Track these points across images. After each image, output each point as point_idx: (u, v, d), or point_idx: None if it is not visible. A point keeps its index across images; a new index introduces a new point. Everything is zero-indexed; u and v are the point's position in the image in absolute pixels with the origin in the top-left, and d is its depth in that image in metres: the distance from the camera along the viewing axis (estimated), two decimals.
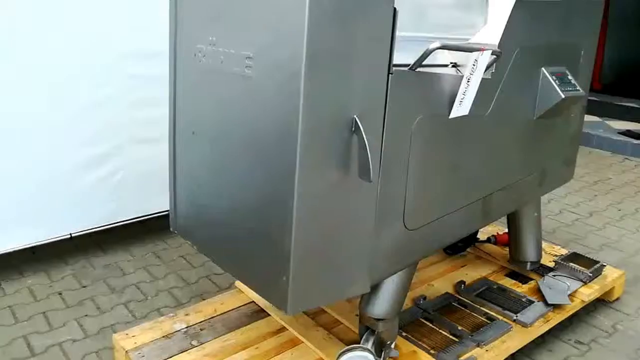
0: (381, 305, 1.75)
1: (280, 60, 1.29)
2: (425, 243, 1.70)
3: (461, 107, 1.62)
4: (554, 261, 2.45)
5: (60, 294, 2.60)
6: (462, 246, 2.65)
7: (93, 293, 2.60)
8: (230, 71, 1.46)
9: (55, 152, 2.63)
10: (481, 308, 2.18)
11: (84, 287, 2.66)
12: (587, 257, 2.48)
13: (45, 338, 2.26)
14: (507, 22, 1.71)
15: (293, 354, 1.90)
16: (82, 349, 2.19)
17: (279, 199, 1.35)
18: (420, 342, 1.95)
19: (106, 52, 2.62)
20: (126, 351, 1.91)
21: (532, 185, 2.14)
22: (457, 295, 2.27)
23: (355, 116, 1.35)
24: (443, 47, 1.45)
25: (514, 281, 2.41)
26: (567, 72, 2.03)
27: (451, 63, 1.71)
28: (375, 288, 1.76)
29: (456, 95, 1.58)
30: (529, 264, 2.39)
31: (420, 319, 2.10)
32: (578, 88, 2.01)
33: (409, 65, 1.51)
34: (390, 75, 1.39)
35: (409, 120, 1.51)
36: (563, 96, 1.93)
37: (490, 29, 1.75)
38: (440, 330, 2.04)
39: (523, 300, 2.22)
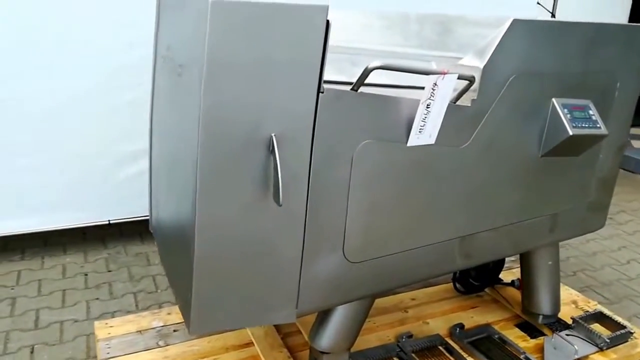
0: (327, 338, 1.65)
1: (192, 72, 1.26)
2: (375, 279, 1.57)
3: (422, 136, 1.47)
4: (571, 318, 2.14)
5: (86, 274, 2.79)
6: (479, 286, 2.41)
7: (113, 278, 2.76)
8: (174, 78, 1.47)
9: (101, 146, 2.84)
10: (468, 358, 1.96)
11: (109, 271, 2.83)
12: (614, 319, 2.13)
13: (53, 314, 2.44)
14: (499, 44, 1.52)
15: None
16: (78, 330, 2.33)
17: (188, 215, 1.32)
18: None
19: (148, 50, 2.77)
20: (98, 340, 2.00)
21: (538, 230, 1.88)
22: (448, 339, 2.07)
23: (273, 135, 1.28)
24: (383, 67, 1.32)
25: (522, 333, 2.13)
26: (590, 106, 1.76)
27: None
28: (323, 320, 1.67)
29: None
30: (541, 317, 2.11)
31: (394, 358, 1.95)
32: (599, 125, 1.73)
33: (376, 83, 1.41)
34: (320, 94, 1.30)
35: (349, 144, 1.39)
36: (571, 133, 1.67)
37: (481, 52, 1.57)
38: None
39: (521, 357, 1.96)
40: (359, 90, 1.36)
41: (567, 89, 1.73)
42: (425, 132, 1.47)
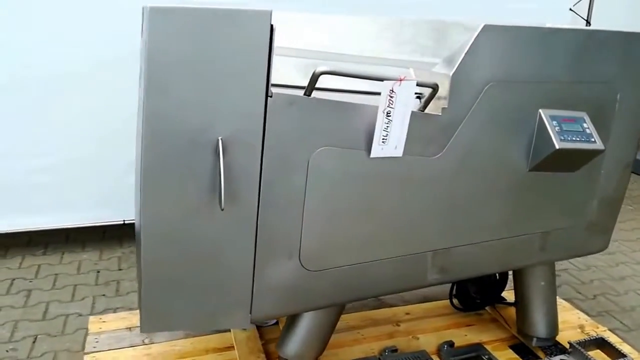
0: (292, 346, 1.63)
1: (142, 76, 1.29)
2: (336, 289, 1.53)
3: (387, 146, 1.43)
4: (569, 342, 2.00)
5: (98, 271, 2.90)
6: (480, 303, 2.31)
7: (123, 277, 2.85)
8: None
9: (117, 151, 2.95)
10: None
11: (120, 269, 2.93)
12: (615, 346, 1.97)
13: (61, 308, 2.55)
14: (469, 51, 1.46)
15: None
16: (80, 323, 2.42)
17: (138, 218, 1.35)
18: None
19: None
20: (88, 334, 2.07)
21: (526, 248, 1.77)
22: (435, 356, 2.00)
23: (220, 138, 1.29)
24: (330, 73, 1.29)
25: (514, 355, 2.02)
26: (585, 118, 1.65)
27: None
28: (289, 327, 1.65)
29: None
30: (535, 339, 1.99)
31: None
32: (593, 140, 1.62)
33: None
34: (269, 98, 1.29)
35: (304, 149, 1.38)
36: (557, 147, 1.56)
37: (451, 59, 1.51)
38: None
39: None
40: (312, 96, 1.35)
41: (557, 100, 1.64)
42: (390, 142, 1.43)
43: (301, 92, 1.35)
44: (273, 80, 1.38)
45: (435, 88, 1.40)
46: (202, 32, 1.21)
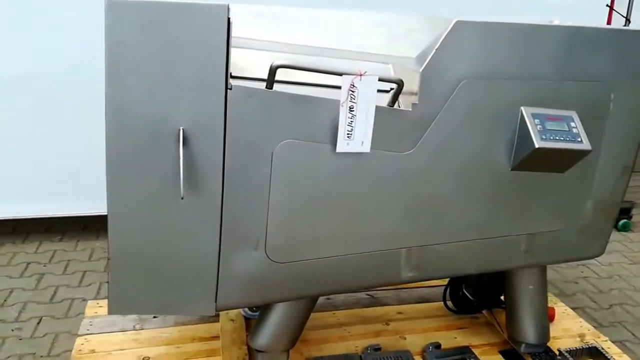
0: (262, 337, 1.65)
1: None
2: (304, 282, 1.53)
3: (353, 142, 1.42)
4: (558, 350, 1.93)
5: (108, 259, 2.98)
6: (476, 306, 2.26)
7: None
8: None
9: None
10: None
11: None
12: (607, 356, 1.88)
13: (69, 292, 2.65)
14: (440, 48, 1.43)
15: None
16: (84, 308, 2.49)
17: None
18: None
19: None
20: (84, 317, 2.15)
21: (509, 250, 1.71)
22: (418, 357, 1.97)
23: (181, 129, 1.31)
24: (287, 66, 1.30)
25: None
26: (573, 117, 1.58)
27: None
28: (262, 318, 1.67)
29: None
30: (523, 345, 1.93)
31: None
32: (580, 140, 1.55)
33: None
34: (229, 90, 1.31)
35: (268, 142, 1.39)
36: (537, 145, 1.51)
37: (424, 55, 1.48)
38: None
39: None
40: (274, 89, 1.35)
41: (543, 98, 1.58)
42: (356, 138, 1.42)
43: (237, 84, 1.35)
44: (250, 74, 1.40)
45: (399, 84, 1.38)
46: (160, 25, 1.24)
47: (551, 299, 2.42)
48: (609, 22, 3.89)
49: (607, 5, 3.69)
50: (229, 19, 1.25)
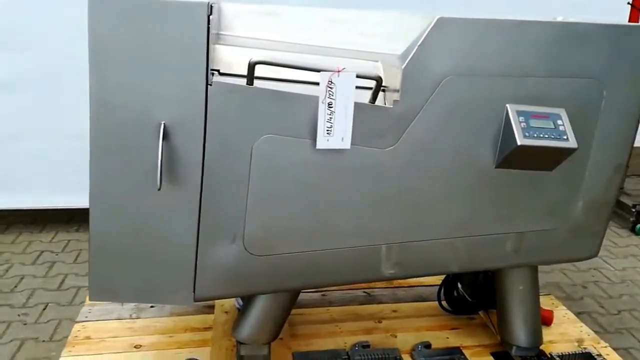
0: (243, 329, 1.67)
1: None
2: (282, 276, 1.55)
3: (333, 138, 1.43)
4: (549, 354, 1.90)
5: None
6: (473, 307, 2.24)
7: None
8: None
9: None
10: None
11: None
12: None
13: (76, 280, 2.74)
14: (422, 44, 1.43)
15: (183, 354, 1.92)
16: None
17: None
18: None
19: None
20: (85, 305, 2.22)
21: (495, 249, 1.70)
22: (407, 355, 1.96)
23: (163, 122, 1.35)
24: (265, 63, 1.31)
25: None
26: (561, 115, 1.56)
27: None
28: (245, 311, 1.69)
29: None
30: (514, 347, 1.90)
31: None
32: (566, 137, 1.53)
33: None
34: (209, 86, 1.34)
35: (247, 137, 1.41)
36: (519, 143, 1.49)
37: (407, 52, 1.49)
38: None
39: None
40: (254, 85, 1.38)
41: (530, 95, 1.56)
42: (335, 134, 1.43)
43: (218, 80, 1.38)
44: (239, 71, 1.41)
45: (378, 80, 1.39)
46: (142, 20, 1.28)
47: (553, 302, 2.39)
48: (632, 20, 3.79)
49: (629, 3, 3.60)
50: (209, 16, 1.28)
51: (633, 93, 1.62)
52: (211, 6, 1.31)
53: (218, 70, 1.48)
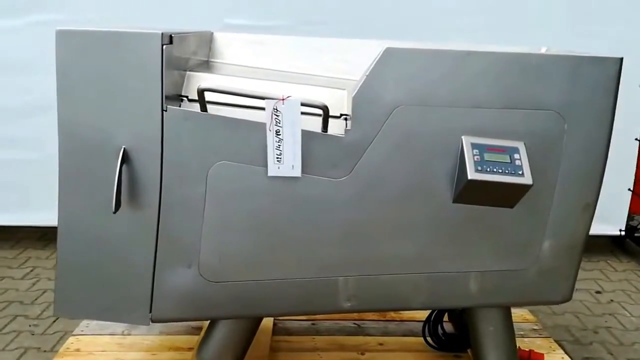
0: (206, 352, 1.72)
1: None
2: (237, 303, 1.58)
3: (283, 166, 1.49)
4: None
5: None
6: (459, 344, 2.18)
7: None
8: None
9: None
10: None
11: None
12: None
13: None
14: (371, 74, 1.47)
15: None
16: None
17: None
18: None
19: None
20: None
21: (455, 288, 1.64)
22: None
23: (123, 147, 1.46)
24: (212, 90, 1.40)
25: None
26: (519, 149, 1.53)
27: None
28: (207, 333, 1.74)
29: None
30: None
31: None
32: (521, 173, 1.50)
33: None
34: (164, 112, 1.44)
35: (202, 163, 1.49)
36: (470, 177, 1.47)
37: (359, 81, 1.53)
38: None
39: None
40: (208, 112, 1.47)
41: (485, 128, 1.53)
42: (286, 162, 1.48)
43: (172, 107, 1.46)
44: (217, 99, 1.50)
45: (324, 109, 1.44)
46: (101, 51, 1.41)
47: (551, 345, 2.28)
48: None
49: None
50: (162, 45, 1.39)
51: (598, 128, 1.56)
52: (170, 36, 1.42)
53: (187, 97, 1.58)
